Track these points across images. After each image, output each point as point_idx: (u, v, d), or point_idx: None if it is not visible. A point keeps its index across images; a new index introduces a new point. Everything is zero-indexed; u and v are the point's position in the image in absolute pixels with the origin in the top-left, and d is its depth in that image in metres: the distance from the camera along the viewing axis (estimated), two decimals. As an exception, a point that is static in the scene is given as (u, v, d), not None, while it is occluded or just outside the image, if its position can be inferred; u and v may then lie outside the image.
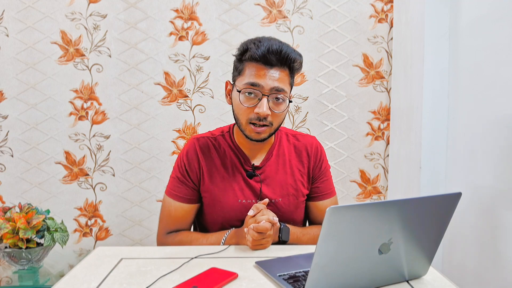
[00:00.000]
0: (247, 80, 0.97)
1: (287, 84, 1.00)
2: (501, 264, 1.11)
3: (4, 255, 1.40)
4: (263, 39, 0.99)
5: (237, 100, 1.00)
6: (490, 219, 1.17)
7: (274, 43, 0.97)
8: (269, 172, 1.09)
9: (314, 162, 1.13)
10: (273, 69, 0.97)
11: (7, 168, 1.84)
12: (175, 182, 1.09)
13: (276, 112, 0.99)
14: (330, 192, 1.16)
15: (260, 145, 1.08)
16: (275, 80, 0.97)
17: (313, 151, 1.14)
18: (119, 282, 0.79)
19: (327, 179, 1.16)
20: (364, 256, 0.70)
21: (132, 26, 1.82)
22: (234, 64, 1.04)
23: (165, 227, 1.10)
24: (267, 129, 1.00)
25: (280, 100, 0.99)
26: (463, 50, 1.36)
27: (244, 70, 0.99)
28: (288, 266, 0.85)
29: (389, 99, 1.88)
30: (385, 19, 1.85)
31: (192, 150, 1.09)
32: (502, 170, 1.12)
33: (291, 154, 1.13)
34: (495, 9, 1.18)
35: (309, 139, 1.16)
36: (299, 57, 1.00)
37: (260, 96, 0.97)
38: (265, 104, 0.96)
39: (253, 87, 0.97)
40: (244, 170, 1.08)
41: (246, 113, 0.99)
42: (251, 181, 1.08)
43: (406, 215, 0.69)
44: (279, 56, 0.96)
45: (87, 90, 1.83)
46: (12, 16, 1.79)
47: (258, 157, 1.10)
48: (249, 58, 0.97)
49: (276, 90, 0.97)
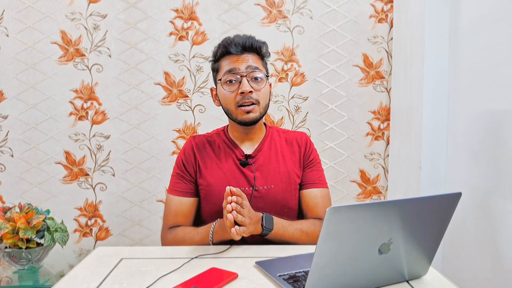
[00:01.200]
0: (225, 70, 1.09)
1: (260, 64, 1.12)
2: (501, 264, 1.11)
3: (4, 255, 1.40)
4: (228, 38, 1.12)
5: (222, 92, 1.10)
6: (490, 219, 1.17)
7: (237, 36, 1.11)
8: (262, 161, 1.15)
9: (305, 151, 1.20)
10: (243, 55, 1.09)
11: (7, 168, 1.85)
12: (174, 179, 1.16)
13: (258, 88, 1.09)
14: (320, 182, 1.18)
15: (253, 136, 1.16)
16: (248, 61, 1.09)
17: (303, 141, 1.22)
18: (119, 282, 0.79)
19: (317, 169, 1.20)
20: (364, 256, 0.70)
21: (132, 26, 1.82)
22: (212, 68, 1.17)
23: (167, 222, 1.15)
24: (255, 107, 1.09)
25: (258, 79, 1.09)
26: (463, 50, 1.36)
27: (220, 66, 1.12)
28: (288, 266, 0.85)
29: (389, 99, 1.88)
30: (385, 19, 1.85)
31: (189, 147, 1.18)
32: (502, 170, 1.12)
33: (282, 146, 1.20)
34: (495, 9, 1.18)
35: (299, 133, 1.24)
36: (263, 44, 1.13)
37: (239, 79, 1.07)
38: (246, 83, 1.06)
39: (230, 73, 1.08)
40: (238, 159, 1.14)
41: (232, 98, 1.08)
42: (245, 169, 1.13)
43: (406, 215, 0.69)
44: (245, 45, 1.09)
45: (87, 90, 1.83)
46: (12, 16, 1.79)
47: (250, 148, 1.17)
48: (221, 55, 1.11)
49: (252, 68, 1.08)
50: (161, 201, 1.88)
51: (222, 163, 1.14)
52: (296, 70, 1.86)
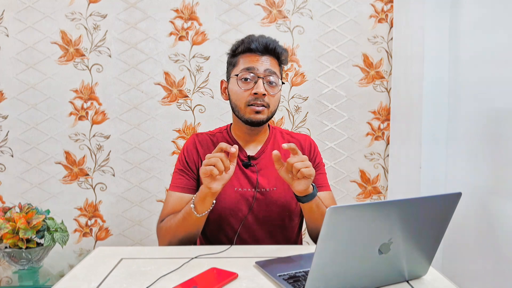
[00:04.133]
0: (243, 67, 1.08)
1: (277, 70, 1.12)
2: (501, 264, 1.11)
3: (4, 255, 1.40)
4: (252, 35, 1.11)
5: (235, 87, 1.09)
6: (490, 219, 1.17)
7: (262, 36, 1.10)
8: (265, 162, 1.14)
9: (309, 155, 1.19)
10: (264, 56, 1.09)
11: (7, 168, 1.84)
12: (176, 176, 1.14)
13: (271, 93, 1.08)
14: (325, 186, 1.18)
15: (256, 137, 1.16)
16: (267, 64, 1.08)
17: (307, 145, 1.21)
18: (119, 282, 0.79)
19: (321, 173, 1.19)
20: (364, 256, 0.70)
21: (132, 26, 1.82)
22: (228, 61, 1.15)
23: (162, 216, 1.11)
24: (265, 109, 1.08)
25: (273, 83, 1.09)
26: (463, 50, 1.36)
27: (238, 62, 1.10)
28: (288, 266, 0.85)
29: (389, 99, 1.88)
30: (385, 19, 1.85)
31: (191, 144, 1.17)
32: (502, 170, 1.12)
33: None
34: (495, 9, 1.18)
35: (303, 136, 1.24)
36: (284, 51, 1.13)
37: (255, 79, 1.07)
38: (261, 85, 1.06)
39: (248, 71, 1.07)
40: (240, 160, 1.13)
41: (244, 96, 1.07)
42: (247, 170, 1.12)
43: (406, 215, 0.69)
44: (268, 47, 1.09)
45: (87, 90, 1.83)
46: (12, 16, 1.79)
47: (253, 149, 1.16)
48: (242, 51, 1.10)
49: (269, 72, 1.08)
50: (161, 201, 1.88)
51: None
52: (296, 70, 1.86)
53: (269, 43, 1.09)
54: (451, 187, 1.42)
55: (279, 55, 1.11)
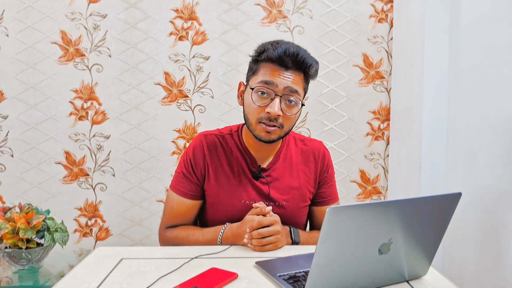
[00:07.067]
0: (261, 79, 0.97)
1: (301, 87, 0.99)
2: (502, 264, 1.11)
3: (4, 255, 1.40)
4: (281, 41, 0.98)
5: (249, 99, 0.99)
6: (490, 219, 1.17)
7: (291, 46, 0.96)
8: (276, 175, 1.09)
9: (321, 167, 1.14)
10: (288, 71, 0.96)
11: (7, 168, 1.84)
12: (179, 177, 1.09)
13: (287, 114, 0.98)
14: (334, 198, 1.16)
15: (268, 147, 1.07)
16: (290, 81, 0.96)
17: (320, 156, 1.14)
18: (119, 282, 0.79)
19: (332, 184, 1.17)
20: (364, 256, 0.70)
21: (132, 26, 1.82)
22: (249, 65, 1.04)
23: (166, 221, 1.11)
24: (277, 130, 0.99)
25: (292, 102, 0.98)
26: (463, 50, 1.36)
27: (258, 70, 0.99)
28: (288, 266, 0.85)
29: (389, 99, 1.88)
30: (385, 19, 1.85)
31: (198, 147, 1.08)
32: (503, 170, 1.12)
33: (298, 158, 1.12)
34: (495, 9, 1.18)
35: (316, 144, 1.16)
36: (315, 63, 1.00)
37: (272, 95, 0.96)
38: (277, 104, 0.95)
39: (266, 85, 0.96)
40: (250, 171, 1.08)
41: (256, 112, 0.98)
42: (257, 182, 1.07)
43: (406, 215, 0.69)
44: (295, 59, 0.96)
45: (87, 90, 1.83)
46: (12, 16, 1.79)
47: (265, 159, 1.09)
48: (265, 59, 0.97)
49: (290, 91, 0.96)
50: (161, 201, 1.88)
51: (233, 173, 1.07)
52: (296, 70, 1.86)
53: (297, 53, 0.95)
54: (451, 187, 1.42)
55: (308, 69, 0.98)
